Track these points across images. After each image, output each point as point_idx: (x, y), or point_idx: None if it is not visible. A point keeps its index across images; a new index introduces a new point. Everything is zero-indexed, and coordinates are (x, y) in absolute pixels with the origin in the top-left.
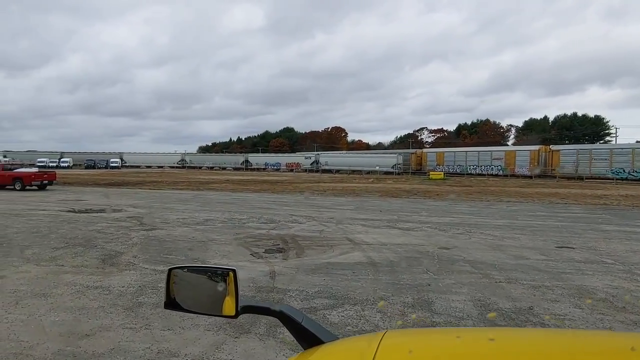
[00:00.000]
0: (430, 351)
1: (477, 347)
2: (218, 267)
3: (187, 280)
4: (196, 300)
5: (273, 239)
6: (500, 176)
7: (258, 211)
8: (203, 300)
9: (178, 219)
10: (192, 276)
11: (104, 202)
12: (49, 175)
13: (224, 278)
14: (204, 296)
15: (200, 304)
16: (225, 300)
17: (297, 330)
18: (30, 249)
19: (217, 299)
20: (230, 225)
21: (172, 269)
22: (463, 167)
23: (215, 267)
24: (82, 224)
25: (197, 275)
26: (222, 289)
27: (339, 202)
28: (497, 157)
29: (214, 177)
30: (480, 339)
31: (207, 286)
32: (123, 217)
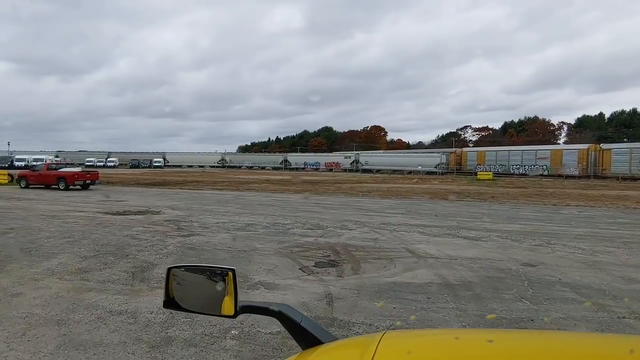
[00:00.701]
0: (429, 352)
1: (475, 348)
2: (217, 267)
3: (187, 279)
4: (195, 299)
5: (322, 248)
6: (545, 176)
7: (302, 215)
8: (202, 300)
9: (218, 224)
10: (191, 275)
11: (143, 204)
12: (91, 175)
13: (223, 277)
14: (203, 296)
15: (199, 303)
16: (224, 299)
17: (296, 330)
18: (57, 257)
19: (216, 299)
20: (274, 232)
21: (171, 268)
22: (505, 167)
23: (215, 266)
24: (117, 228)
25: (197, 275)
26: (221, 288)
27: (388, 205)
28: (542, 157)
29: (254, 176)
30: (479, 340)
31: (206, 286)
32: (160, 221)
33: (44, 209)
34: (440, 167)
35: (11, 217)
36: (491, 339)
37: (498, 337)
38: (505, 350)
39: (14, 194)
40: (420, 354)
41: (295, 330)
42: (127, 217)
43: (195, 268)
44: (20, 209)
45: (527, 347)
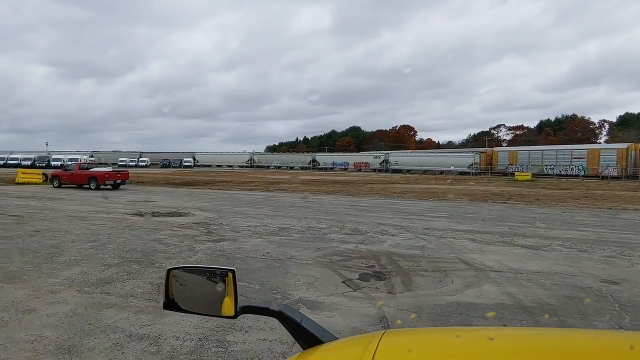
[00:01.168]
0: (429, 350)
1: (476, 346)
2: (217, 268)
3: (186, 280)
4: (195, 300)
5: (364, 257)
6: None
7: (338, 218)
8: (202, 301)
9: (249, 227)
10: (191, 277)
11: (172, 204)
12: (121, 175)
13: (222, 278)
14: (203, 297)
15: (199, 304)
16: (224, 300)
17: (297, 330)
18: (79, 265)
19: (216, 300)
20: (310, 237)
21: (171, 269)
22: (539, 167)
23: (214, 267)
24: (144, 231)
25: (196, 276)
26: (221, 289)
27: (427, 208)
28: (578, 156)
29: (283, 176)
30: (479, 338)
31: (206, 287)
32: (189, 223)
33: (73, 209)
34: (473, 167)
35: (39, 218)
36: (491, 337)
37: (498, 334)
38: (506, 348)
39: (46, 193)
40: (420, 353)
41: (296, 330)
42: (156, 219)
43: (195, 269)
44: (50, 210)
45: (527, 344)
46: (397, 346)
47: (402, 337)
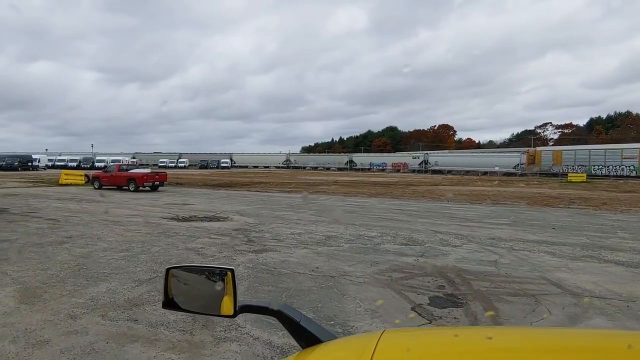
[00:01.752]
0: (428, 350)
1: (474, 345)
2: (216, 267)
3: (185, 279)
4: (194, 300)
5: (430, 274)
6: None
7: (388, 224)
8: (201, 300)
9: (293, 235)
10: (190, 276)
11: (210, 208)
12: (160, 177)
13: (222, 277)
14: (202, 296)
15: (199, 303)
16: (223, 299)
17: (296, 329)
18: (107, 280)
19: (216, 299)
20: (361, 247)
21: (170, 268)
22: (586, 168)
23: (213, 266)
24: (180, 238)
25: (195, 275)
26: (220, 288)
27: (483, 213)
28: (629, 156)
29: (320, 177)
30: (478, 338)
31: (205, 286)
32: (228, 230)
33: (110, 213)
34: (519, 168)
35: (74, 223)
36: (490, 336)
37: (497, 334)
38: (505, 347)
39: (86, 195)
40: (419, 352)
41: (295, 329)
42: (193, 225)
43: (194, 268)
44: (86, 213)
45: (526, 343)
46: (396, 345)
47: (400, 336)
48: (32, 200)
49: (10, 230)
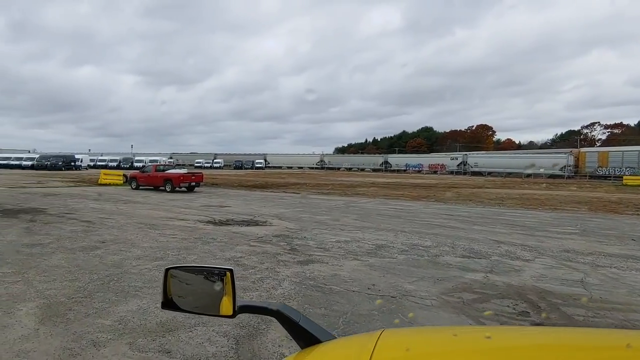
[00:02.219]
0: (427, 349)
1: (473, 344)
2: (215, 267)
3: (184, 280)
4: (193, 300)
5: (507, 296)
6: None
7: (441, 232)
8: (200, 300)
9: (339, 242)
10: (189, 276)
11: (247, 211)
12: (196, 177)
13: (221, 278)
14: (201, 296)
15: (198, 304)
16: (222, 300)
17: (295, 329)
18: (139, 295)
19: (215, 299)
20: (418, 260)
21: (169, 268)
22: (635, 169)
23: (213, 266)
24: (218, 245)
25: (194, 275)
26: (220, 288)
27: (544, 220)
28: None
29: (356, 179)
30: (477, 337)
31: (204, 286)
32: (268, 236)
33: (145, 215)
34: (566, 169)
35: (109, 226)
36: (489, 335)
37: (496, 333)
38: (504, 346)
39: (123, 195)
40: (418, 351)
41: (294, 329)
42: (230, 230)
43: (193, 268)
44: (122, 215)
45: (525, 342)
46: (395, 345)
47: (400, 335)
48: (70, 200)
49: (44, 233)
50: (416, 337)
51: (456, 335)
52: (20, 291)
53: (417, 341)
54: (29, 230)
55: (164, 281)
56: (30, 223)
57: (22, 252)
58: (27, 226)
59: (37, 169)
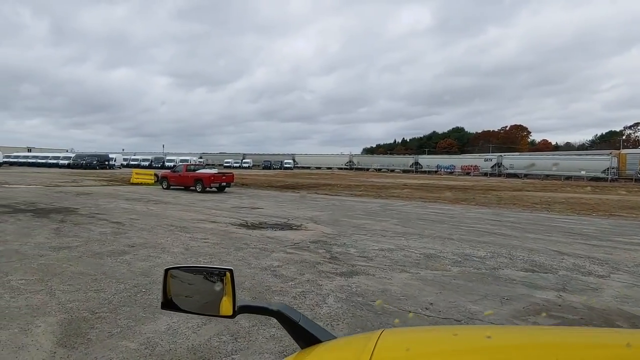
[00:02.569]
0: (427, 349)
1: (474, 344)
2: (215, 267)
3: (184, 280)
4: (193, 300)
5: (592, 323)
6: None
7: (492, 240)
8: (200, 301)
9: (382, 251)
10: (188, 276)
11: (280, 213)
12: (227, 177)
13: (220, 278)
14: (201, 296)
15: (197, 304)
16: (222, 300)
17: (295, 329)
18: (169, 313)
19: (214, 299)
20: (475, 273)
21: (169, 269)
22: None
23: (212, 267)
24: (252, 252)
25: (194, 276)
26: (219, 289)
27: (603, 228)
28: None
29: (387, 180)
30: (477, 337)
31: (204, 286)
32: (304, 242)
33: (176, 216)
34: (609, 172)
35: (139, 227)
36: (489, 335)
37: (496, 332)
38: (504, 346)
39: (154, 195)
40: (418, 351)
41: (294, 329)
42: (264, 234)
43: (193, 268)
44: (152, 216)
45: (525, 342)
46: (395, 345)
47: (400, 335)
48: (102, 200)
49: (73, 235)
50: (416, 337)
51: (456, 335)
52: (42, 303)
53: (417, 341)
54: (58, 231)
55: (163, 281)
56: (61, 224)
57: (48, 256)
58: (57, 227)
59: (73, 167)
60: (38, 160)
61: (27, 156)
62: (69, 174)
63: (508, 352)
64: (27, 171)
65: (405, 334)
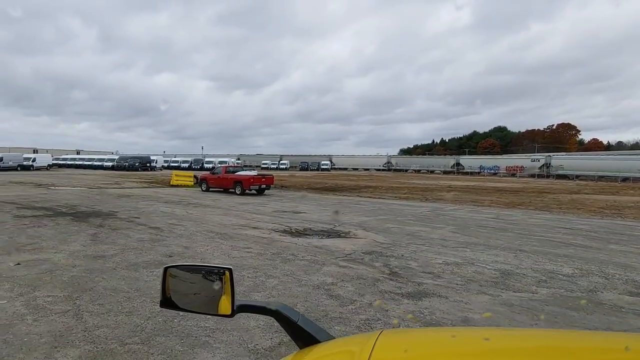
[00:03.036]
0: (425, 350)
1: (472, 346)
2: (214, 266)
3: (183, 279)
4: (192, 299)
5: None
6: None
7: (572, 253)
8: (199, 299)
9: (448, 265)
10: (188, 275)
11: (324, 218)
12: (266, 180)
13: (220, 277)
14: (199, 295)
15: (196, 303)
16: (221, 299)
17: (294, 329)
18: (209, 345)
19: (213, 298)
20: (569, 297)
21: (168, 267)
22: None
23: (211, 265)
24: (300, 265)
25: (193, 274)
26: (218, 287)
27: None
28: None
29: (429, 181)
30: (475, 338)
31: (203, 285)
32: (357, 252)
33: (216, 221)
34: None
35: (177, 234)
36: (487, 337)
37: (494, 335)
38: (502, 348)
39: (193, 198)
40: (416, 352)
41: (293, 329)
42: (312, 243)
43: (192, 267)
44: (192, 221)
45: (523, 344)
46: (394, 346)
47: (398, 337)
48: (142, 203)
49: (110, 241)
50: (415, 338)
51: (454, 337)
52: (66, 328)
53: (416, 342)
54: (95, 237)
55: (162, 280)
56: (99, 229)
57: (81, 266)
58: (95, 232)
59: (117, 169)
60: (84, 162)
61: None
62: (112, 176)
63: (506, 354)
64: (73, 173)
65: (403, 335)
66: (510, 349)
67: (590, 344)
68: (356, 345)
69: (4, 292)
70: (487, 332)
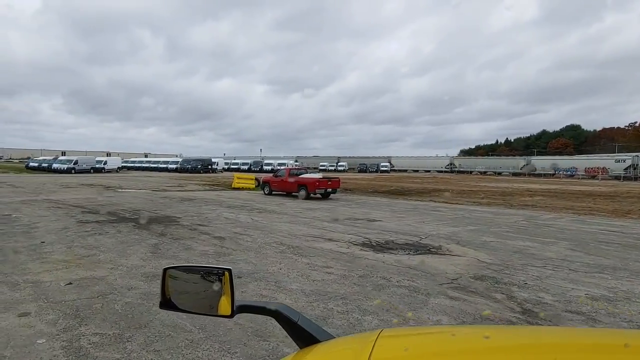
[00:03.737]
0: (425, 349)
1: (472, 344)
2: (213, 267)
3: (183, 280)
4: (192, 300)
5: None
6: None
7: None
8: (198, 300)
9: (594, 300)
10: (187, 276)
11: (405, 227)
12: (332, 183)
13: (219, 278)
14: (199, 296)
15: (196, 303)
16: (221, 299)
17: (294, 329)
18: None
19: (213, 299)
20: None
21: (167, 268)
22: None
23: (211, 266)
24: (399, 294)
25: (193, 275)
26: (218, 288)
27: None
28: None
29: (501, 184)
30: (475, 337)
31: (202, 286)
32: (464, 277)
33: (285, 231)
34: None
35: (244, 246)
36: (487, 335)
37: (494, 333)
38: (502, 346)
39: (257, 203)
40: (417, 351)
41: (293, 329)
42: (400, 260)
43: (192, 268)
44: (258, 230)
45: (523, 342)
46: (394, 345)
47: (398, 335)
48: (204, 207)
49: (171, 255)
50: (415, 337)
51: (454, 335)
52: None
53: (416, 341)
54: (155, 249)
55: (162, 281)
56: (160, 238)
57: (138, 289)
58: (156, 243)
59: (180, 171)
60: (151, 164)
61: (142, 161)
62: (176, 178)
63: (506, 352)
64: (140, 175)
65: (403, 334)
66: (510, 347)
67: (590, 340)
68: (357, 344)
69: (46, 327)
70: (487, 330)
